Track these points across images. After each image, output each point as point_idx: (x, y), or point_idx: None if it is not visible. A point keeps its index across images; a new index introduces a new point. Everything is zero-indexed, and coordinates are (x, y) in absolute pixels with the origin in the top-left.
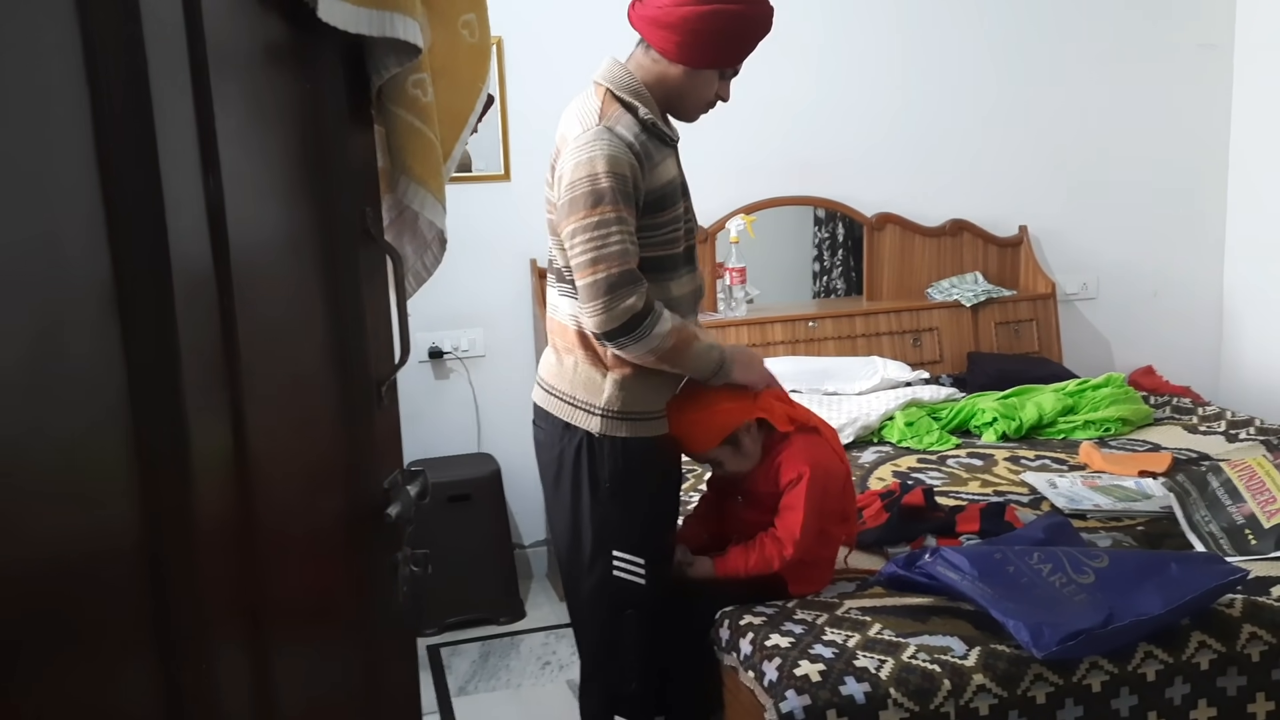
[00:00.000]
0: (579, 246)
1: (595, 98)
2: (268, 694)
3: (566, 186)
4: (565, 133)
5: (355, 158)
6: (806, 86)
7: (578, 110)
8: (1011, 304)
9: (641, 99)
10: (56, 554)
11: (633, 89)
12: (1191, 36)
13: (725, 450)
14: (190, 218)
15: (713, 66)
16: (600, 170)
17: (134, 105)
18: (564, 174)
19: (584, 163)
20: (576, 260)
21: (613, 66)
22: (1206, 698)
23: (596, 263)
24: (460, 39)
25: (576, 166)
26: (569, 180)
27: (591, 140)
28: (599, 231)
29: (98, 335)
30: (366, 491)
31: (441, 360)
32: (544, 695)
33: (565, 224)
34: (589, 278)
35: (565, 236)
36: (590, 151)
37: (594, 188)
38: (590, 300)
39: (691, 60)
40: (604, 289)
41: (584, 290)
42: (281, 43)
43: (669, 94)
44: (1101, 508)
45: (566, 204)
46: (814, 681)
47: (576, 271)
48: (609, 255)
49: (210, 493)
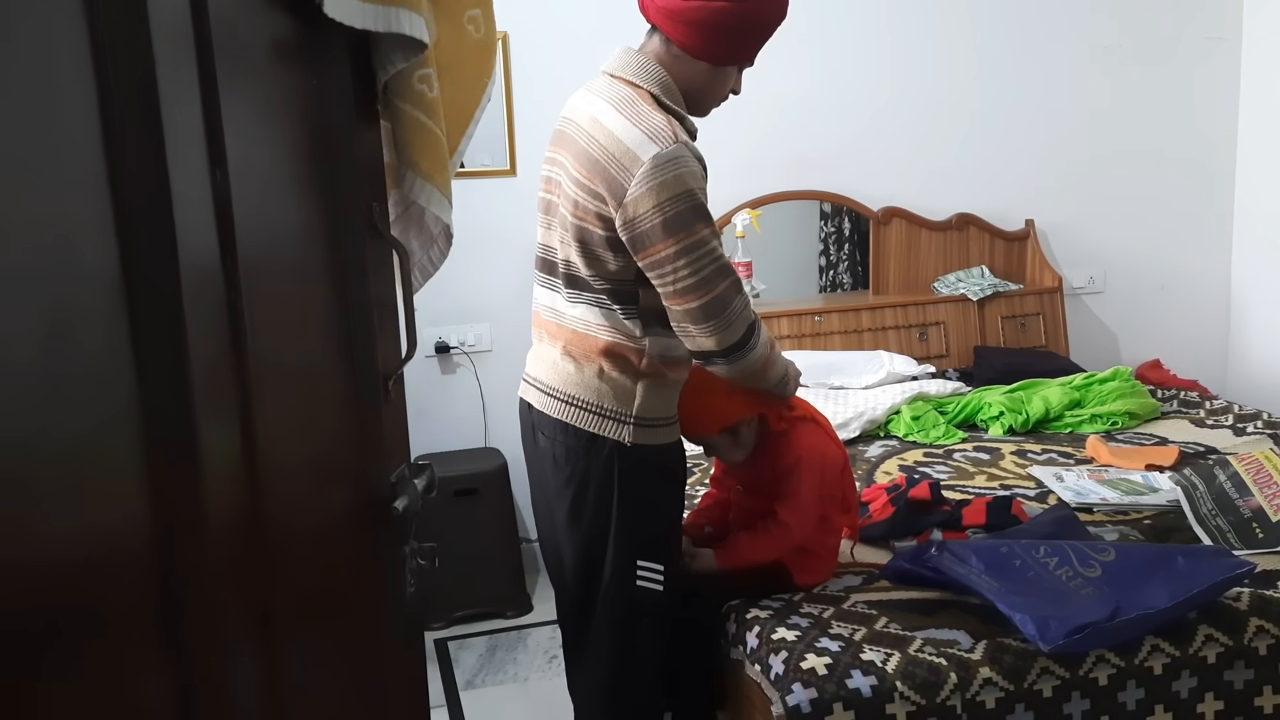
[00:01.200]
0: (685, 270)
1: (649, 106)
2: (277, 688)
3: (654, 208)
4: (623, 142)
5: (361, 153)
6: (813, 80)
7: (634, 120)
8: (1018, 298)
9: (676, 100)
10: (69, 552)
11: (670, 91)
12: (1199, 29)
13: (724, 437)
14: (198, 212)
15: (737, 63)
16: (691, 187)
17: (142, 100)
18: (644, 194)
19: (670, 182)
20: (684, 283)
21: (644, 65)
22: (1213, 691)
23: (709, 282)
24: (466, 34)
25: (664, 186)
26: (656, 201)
27: (673, 159)
28: (703, 250)
29: (107, 331)
30: (374, 485)
31: (448, 355)
32: (551, 689)
33: (661, 247)
34: (703, 299)
35: (661, 260)
36: (676, 170)
37: (689, 206)
38: (706, 320)
39: (718, 58)
40: (720, 306)
41: (696, 312)
42: (288, 38)
43: (690, 90)
44: (1108, 501)
45: (659, 226)
46: (820, 675)
47: (683, 295)
48: (717, 271)
49: (220, 488)
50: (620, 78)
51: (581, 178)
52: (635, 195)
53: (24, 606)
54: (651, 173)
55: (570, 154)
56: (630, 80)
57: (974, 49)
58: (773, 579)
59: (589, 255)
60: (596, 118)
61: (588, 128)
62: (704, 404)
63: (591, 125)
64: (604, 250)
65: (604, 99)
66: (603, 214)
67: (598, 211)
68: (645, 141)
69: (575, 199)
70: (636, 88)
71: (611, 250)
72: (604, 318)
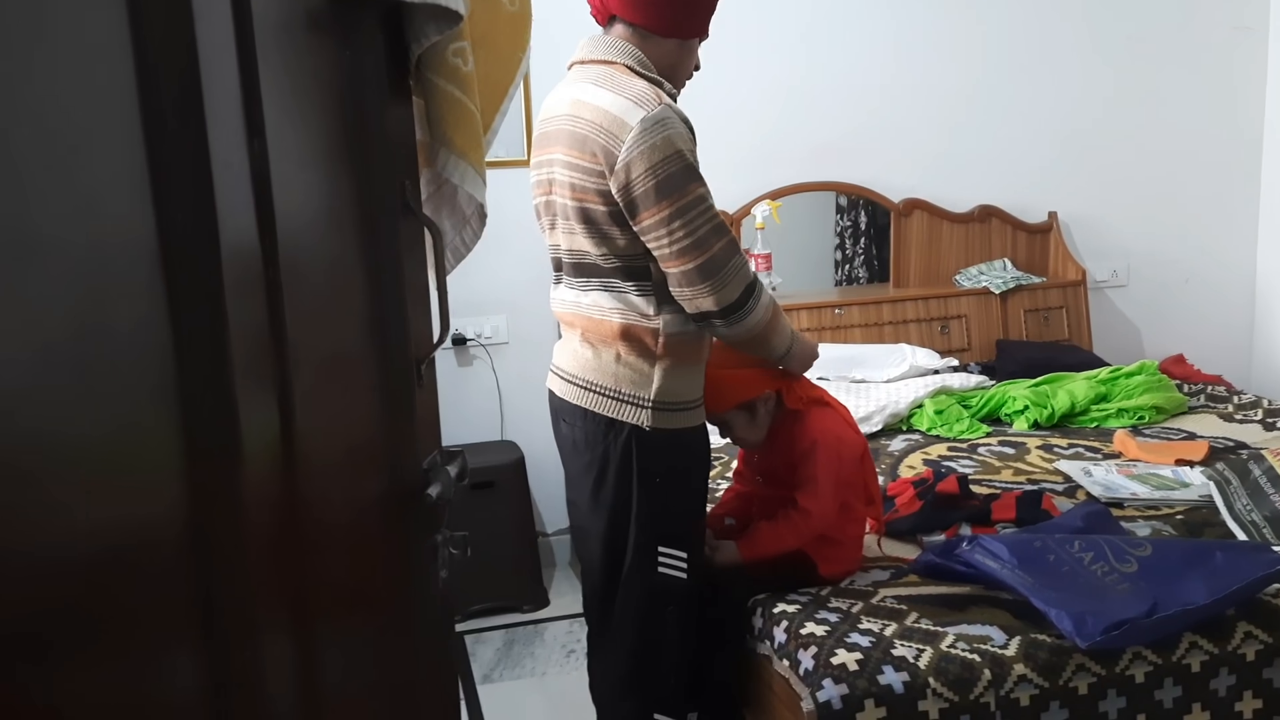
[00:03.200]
0: (680, 231)
1: (628, 76)
2: (311, 676)
3: (646, 171)
4: (609, 111)
5: (394, 129)
6: (834, 71)
7: (617, 90)
8: (1041, 291)
9: (652, 72)
10: (108, 538)
11: (645, 65)
12: (1226, 18)
13: (740, 415)
14: (236, 183)
15: (697, 34)
16: (680, 149)
17: (181, 67)
18: (636, 158)
19: (660, 144)
20: (680, 245)
21: (614, 44)
22: (1252, 689)
23: (705, 242)
24: (501, 7)
25: (653, 149)
26: (648, 164)
27: (660, 120)
28: (697, 210)
29: (146, 309)
30: (407, 472)
31: (465, 347)
32: (568, 683)
33: (656, 210)
34: (699, 259)
35: (657, 223)
36: (664, 131)
37: (681, 168)
38: (704, 280)
39: (684, 31)
40: (717, 265)
41: (693, 273)
42: (321, 7)
43: (664, 69)
44: (1139, 496)
45: (652, 190)
46: (851, 670)
47: (680, 256)
48: (712, 230)
49: (258, 473)
50: (592, 60)
51: (574, 159)
52: (627, 160)
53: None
54: (640, 136)
55: (559, 145)
56: (604, 59)
57: (996, 39)
58: (797, 570)
59: (597, 235)
60: (578, 98)
61: (571, 111)
62: (720, 378)
63: (574, 107)
64: (610, 226)
65: (581, 82)
66: (601, 189)
67: (596, 188)
68: (631, 107)
69: (572, 182)
70: (612, 64)
71: (617, 225)
72: (616, 300)
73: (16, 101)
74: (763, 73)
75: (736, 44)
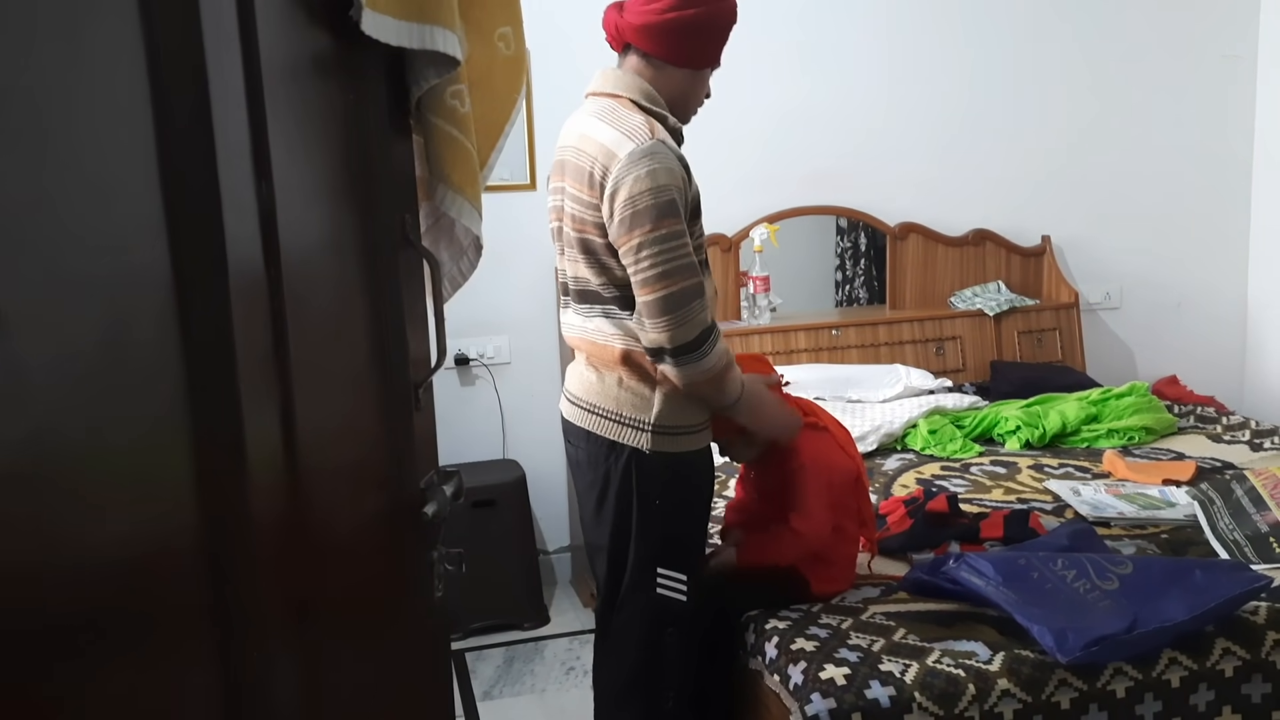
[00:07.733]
0: (646, 261)
1: (628, 110)
2: (315, 686)
3: (625, 201)
4: (605, 145)
5: (395, 166)
6: (830, 97)
7: (614, 124)
8: (1034, 313)
9: (662, 107)
10: (124, 551)
11: (651, 97)
12: (1215, 47)
13: (735, 435)
14: (245, 222)
15: (709, 64)
16: (661, 183)
17: (194, 112)
18: (619, 189)
19: (644, 176)
20: (644, 275)
21: (622, 77)
22: (1231, 704)
23: (669, 276)
24: (497, 51)
25: (637, 180)
26: (628, 194)
27: (648, 153)
28: (667, 245)
29: (159, 335)
30: (405, 490)
31: (467, 367)
32: (568, 700)
33: (628, 238)
34: (659, 292)
35: (627, 251)
36: (650, 164)
37: (657, 201)
38: (661, 314)
39: (696, 62)
40: (677, 302)
41: (653, 305)
42: (328, 54)
43: (675, 99)
44: (1125, 515)
45: (628, 218)
46: (839, 685)
47: (643, 286)
48: (680, 269)
49: (264, 488)
50: (601, 93)
51: (577, 191)
52: (612, 190)
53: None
54: (627, 167)
55: (568, 176)
56: (611, 93)
57: (989, 66)
58: (790, 587)
59: (596, 265)
60: (584, 133)
61: (577, 145)
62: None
63: (580, 141)
64: (607, 257)
65: (588, 115)
66: (597, 221)
67: (593, 220)
68: (622, 139)
69: (574, 213)
70: (617, 98)
71: (613, 256)
72: (617, 326)
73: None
74: (760, 99)
75: (735, 71)
